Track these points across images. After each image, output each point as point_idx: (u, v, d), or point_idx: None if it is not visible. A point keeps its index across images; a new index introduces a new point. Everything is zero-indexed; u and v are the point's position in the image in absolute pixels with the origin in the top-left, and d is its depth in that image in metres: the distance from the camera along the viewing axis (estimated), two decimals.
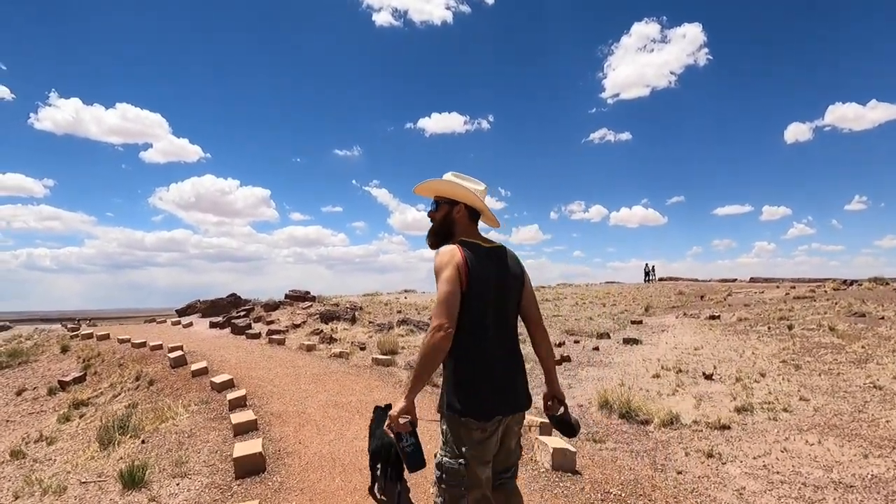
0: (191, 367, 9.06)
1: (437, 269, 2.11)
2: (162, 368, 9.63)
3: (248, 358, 10.34)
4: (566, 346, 12.09)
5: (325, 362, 9.95)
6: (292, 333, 13.86)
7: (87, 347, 12.72)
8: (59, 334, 15.74)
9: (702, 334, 13.24)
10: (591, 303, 24.03)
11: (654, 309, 20.90)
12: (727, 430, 6.06)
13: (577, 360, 10.42)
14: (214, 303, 19.04)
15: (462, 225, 2.32)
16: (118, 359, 11.40)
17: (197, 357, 10.28)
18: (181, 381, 8.59)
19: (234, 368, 9.21)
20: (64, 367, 11.95)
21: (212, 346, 11.96)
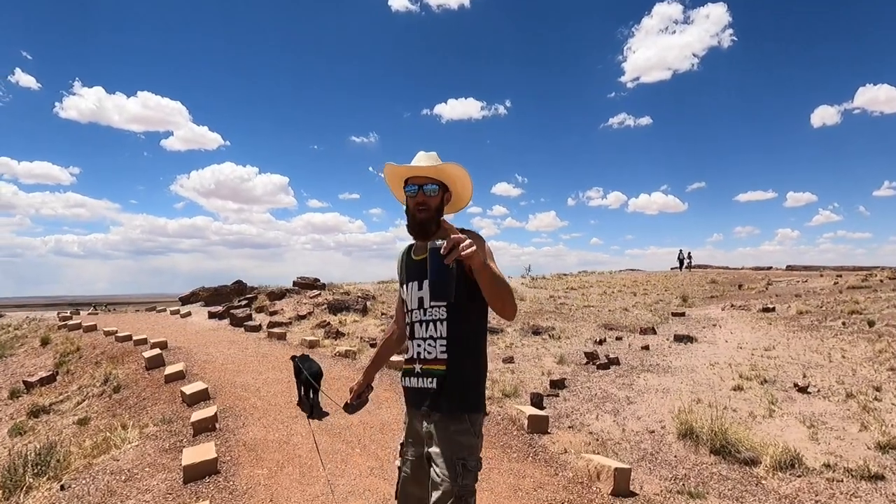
0: (166, 369, 7.45)
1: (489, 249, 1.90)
2: (135, 370, 8.06)
3: (239, 357, 8.73)
4: (608, 345, 10.27)
5: (328, 363, 8.29)
6: (296, 326, 12.25)
7: (68, 341, 11.26)
8: (48, 324, 14.37)
9: (762, 330, 11.32)
10: (619, 292, 22.09)
11: (691, 299, 18.92)
12: (880, 480, 4.23)
13: (627, 362, 8.61)
14: (218, 290, 17.55)
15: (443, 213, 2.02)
16: (97, 355, 9.89)
17: (179, 355, 8.70)
18: (151, 389, 6.99)
19: (219, 371, 7.59)
20: (40, 362, 10.50)
21: (202, 341, 10.38)
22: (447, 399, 1.85)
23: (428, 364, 1.90)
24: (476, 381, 1.91)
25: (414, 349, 1.96)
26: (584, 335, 11.35)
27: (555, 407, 6.44)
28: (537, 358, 9.19)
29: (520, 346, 10.26)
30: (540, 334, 11.12)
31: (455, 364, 1.87)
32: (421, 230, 1.95)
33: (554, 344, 10.43)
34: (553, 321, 13.01)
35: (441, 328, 1.88)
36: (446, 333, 1.88)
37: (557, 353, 9.57)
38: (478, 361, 1.93)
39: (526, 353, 9.71)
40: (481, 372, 1.94)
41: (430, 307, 1.90)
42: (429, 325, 1.91)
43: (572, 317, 14.08)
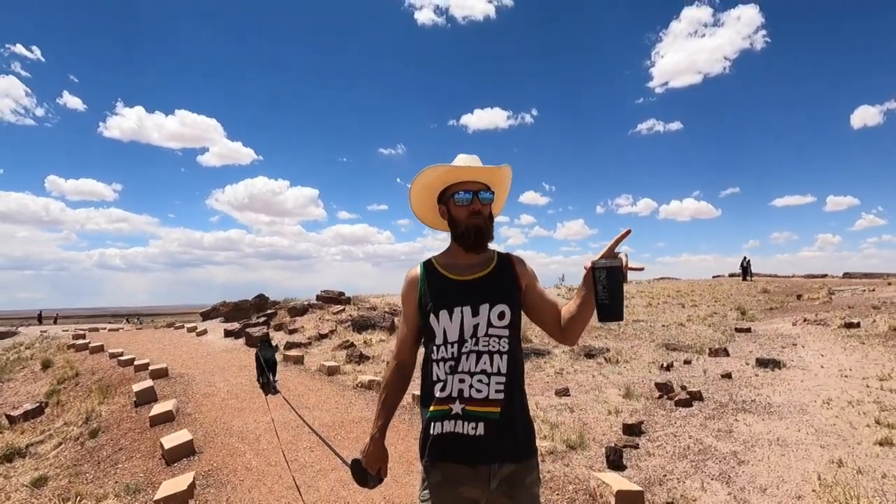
0: (154, 408, 6.12)
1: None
2: (123, 406, 6.77)
3: (246, 388, 7.37)
4: (678, 371, 8.55)
5: (348, 398, 6.86)
6: (315, 347, 10.90)
7: (68, 364, 10.15)
8: (60, 343, 13.39)
9: (858, 351, 9.42)
10: (664, 303, 20.18)
11: (750, 311, 16.90)
12: None
13: (711, 397, 6.90)
14: (238, 305, 16.45)
15: None
16: (94, 381, 8.70)
17: (177, 386, 7.40)
18: (133, 433, 5.66)
19: (217, 410, 6.24)
20: (34, 389, 9.39)
21: (210, 367, 9.09)
22: (514, 445, 1.56)
23: (474, 405, 1.55)
24: (529, 422, 1.67)
25: (453, 386, 1.57)
26: (645, 357, 9.64)
27: (638, 465, 4.83)
28: (597, 389, 7.56)
29: (572, 373, 8.65)
30: (594, 357, 9.47)
31: (509, 407, 1.56)
32: (480, 239, 1.66)
33: (612, 370, 8.77)
34: (605, 340, 11.33)
35: (500, 362, 1.58)
36: (506, 369, 1.58)
37: (619, 381, 7.93)
38: (525, 400, 1.67)
39: (581, 381, 8.09)
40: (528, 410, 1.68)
41: (489, 335, 1.57)
42: (482, 358, 1.57)
43: (624, 334, 12.35)
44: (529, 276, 1.72)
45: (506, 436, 1.54)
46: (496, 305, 1.58)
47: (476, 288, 1.62)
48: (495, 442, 1.53)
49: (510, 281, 1.67)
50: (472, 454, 1.53)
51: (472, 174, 1.68)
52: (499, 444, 1.53)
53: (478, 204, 1.66)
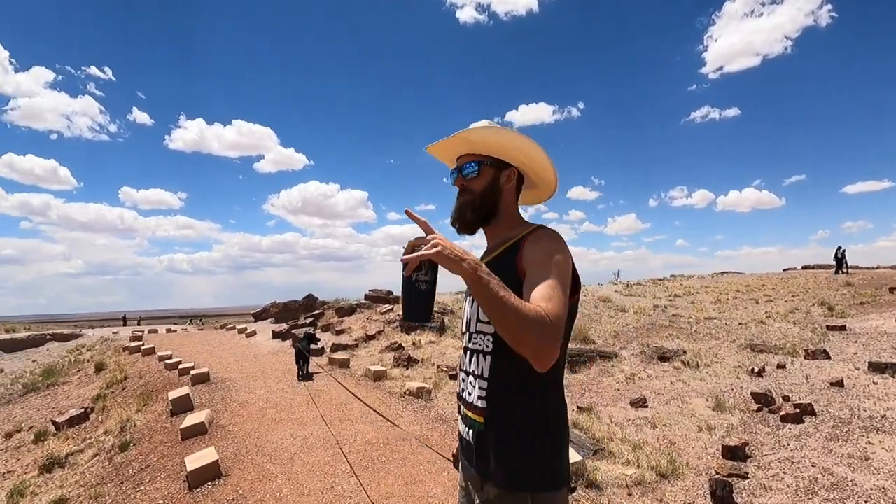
0: (187, 419, 5.59)
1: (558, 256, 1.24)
2: (159, 415, 6.31)
3: (286, 396, 6.78)
4: (773, 378, 7.28)
5: (395, 408, 6.12)
6: (362, 349, 10.27)
7: (119, 368, 9.98)
8: (117, 345, 13.46)
9: None
10: (734, 299, 18.40)
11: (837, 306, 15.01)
12: None
13: (825, 410, 5.68)
14: (287, 306, 16.18)
15: (510, 201, 1.43)
16: (140, 386, 8.40)
17: (216, 393, 6.90)
18: (162, 448, 5.13)
19: (252, 422, 5.64)
20: (85, 393, 9.23)
21: (253, 370, 8.62)
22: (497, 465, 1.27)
23: (467, 408, 1.37)
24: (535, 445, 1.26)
25: (459, 384, 1.43)
26: (728, 361, 8.39)
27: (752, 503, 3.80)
28: (679, 399, 6.47)
29: (645, 379, 7.55)
30: (668, 360, 8.31)
31: (495, 419, 1.29)
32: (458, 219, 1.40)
33: (693, 375, 7.60)
34: (677, 340, 10.09)
35: (483, 364, 1.33)
36: (488, 373, 1.32)
37: (704, 390, 6.80)
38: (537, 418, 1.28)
39: (658, 389, 7.01)
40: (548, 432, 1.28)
41: (476, 332, 1.36)
42: (473, 357, 1.37)
43: (697, 333, 11.02)
44: (530, 259, 1.27)
45: (484, 451, 1.31)
46: None
47: None
48: (477, 455, 1.33)
49: (508, 267, 1.29)
50: (465, 462, 1.40)
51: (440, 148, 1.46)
52: (479, 458, 1.32)
53: (460, 180, 1.43)
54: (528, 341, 1.08)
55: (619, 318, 13.38)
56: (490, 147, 1.39)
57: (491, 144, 1.39)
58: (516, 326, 1.07)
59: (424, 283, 1.19)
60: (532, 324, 1.07)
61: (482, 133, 1.36)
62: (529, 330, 1.07)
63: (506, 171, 1.41)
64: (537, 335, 1.07)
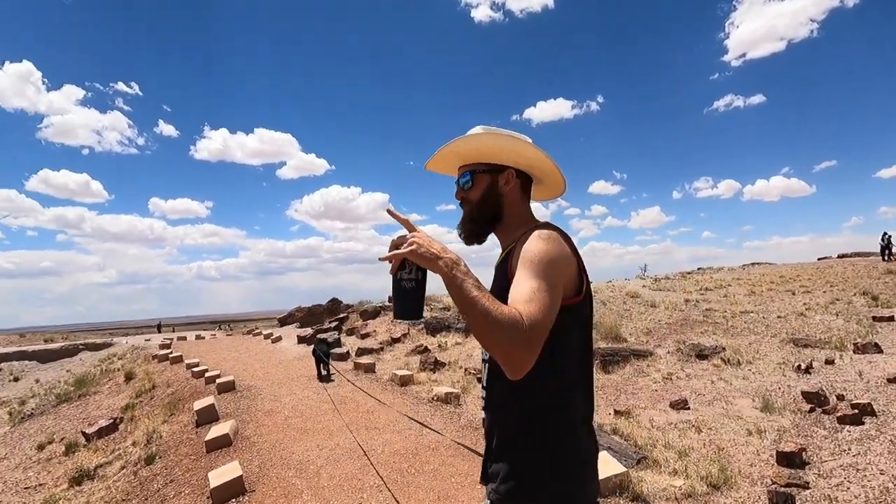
0: (212, 430, 5.46)
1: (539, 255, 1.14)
2: (185, 426, 6.22)
3: (312, 404, 6.62)
4: (822, 374, 6.82)
5: (423, 415, 5.89)
6: (388, 352, 10.09)
7: (147, 377, 10.01)
8: (147, 353, 13.59)
9: None
10: (769, 291, 17.67)
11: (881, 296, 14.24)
12: None
13: (887, 410, 5.23)
14: (312, 310, 16.15)
15: (515, 202, 1.37)
16: (167, 395, 8.37)
17: (242, 402, 6.78)
18: (187, 461, 5.00)
19: (278, 431, 5.49)
20: (115, 402, 9.26)
21: (279, 377, 8.51)
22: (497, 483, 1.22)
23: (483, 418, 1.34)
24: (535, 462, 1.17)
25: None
26: (772, 357, 7.93)
27: None
28: (723, 399, 6.09)
29: (684, 378, 7.17)
30: (707, 358, 7.90)
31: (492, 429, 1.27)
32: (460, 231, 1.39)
33: (734, 373, 7.19)
34: (713, 336, 9.63)
35: (484, 372, 1.30)
36: (486, 381, 1.29)
37: (749, 389, 6.40)
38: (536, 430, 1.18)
39: (698, 389, 6.62)
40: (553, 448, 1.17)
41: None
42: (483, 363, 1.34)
43: (734, 328, 10.53)
44: (517, 259, 1.19)
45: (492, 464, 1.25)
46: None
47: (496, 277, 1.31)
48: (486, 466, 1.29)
49: (503, 271, 1.25)
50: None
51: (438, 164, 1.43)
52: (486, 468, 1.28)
53: (459, 192, 1.40)
54: (496, 345, 1.00)
55: (649, 313, 12.92)
56: (479, 154, 1.35)
57: (479, 152, 1.34)
58: (486, 329, 1.00)
59: (410, 282, 1.15)
60: (503, 326, 0.99)
61: (468, 142, 1.32)
62: (500, 333, 0.99)
63: (502, 174, 1.35)
64: (507, 339, 0.99)
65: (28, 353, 14.29)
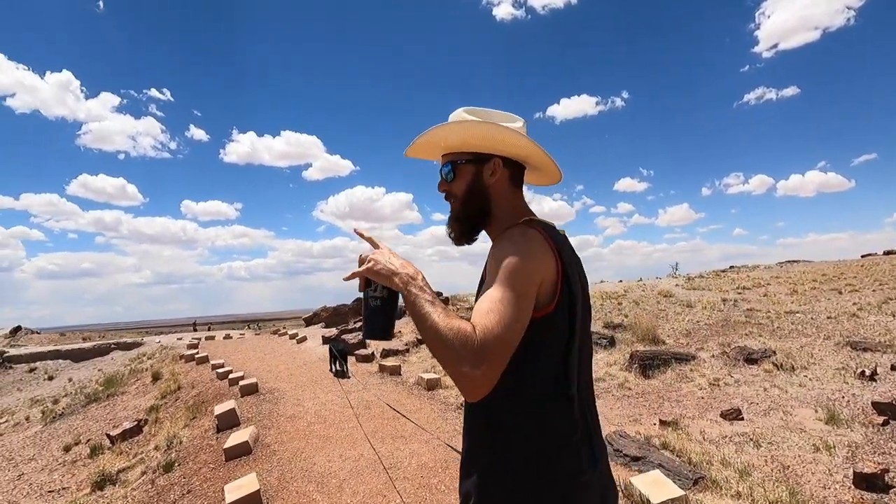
0: (231, 436, 5.20)
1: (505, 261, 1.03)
2: (205, 430, 5.98)
3: (336, 409, 6.32)
4: (888, 380, 6.17)
5: (452, 423, 5.54)
6: (413, 354, 9.76)
7: (173, 378, 9.91)
8: (175, 353, 13.60)
9: None
10: (813, 290, 16.69)
11: None
12: None
13: None
14: (337, 310, 15.96)
15: (504, 195, 1.21)
16: (192, 397, 8.21)
17: (263, 406, 6.53)
18: (206, 470, 4.74)
19: (300, 439, 5.20)
20: (142, 403, 9.17)
21: (303, 379, 8.27)
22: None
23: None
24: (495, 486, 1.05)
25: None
26: (828, 362, 7.28)
27: None
28: (780, 409, 5.53)
29: (732, 385, 6.61)
30: (756, 362, 7.30)
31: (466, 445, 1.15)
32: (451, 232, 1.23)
33: (789, 380, 6.59)
34: (759, 338, 8.99)
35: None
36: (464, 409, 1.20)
37: (808, 398, 5.82)
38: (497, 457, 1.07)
39: (750, 397, 6.07)
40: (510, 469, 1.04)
41: None
42: None
43: (781, 330, 9.83)
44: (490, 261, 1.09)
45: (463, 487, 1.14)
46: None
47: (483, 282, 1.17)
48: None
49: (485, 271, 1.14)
50: None
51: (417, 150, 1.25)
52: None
53: (442, 185, 1.23)
54: (444, 363, 0.93)
55: (686, 314, 12.26)
56: (461, 143, 1.19)
57: (460, 141, 1.18)
58: (435, 346, 0.95)
59: (375, 300, 1.09)
60: (449, 343, 0.92)
61: (446, 131, 1.17)
62: (446, 350, 0.92)
63: (488, 164, 1.19)
64: (454, 356, 0.91)
65: (62, 353, 14.53)
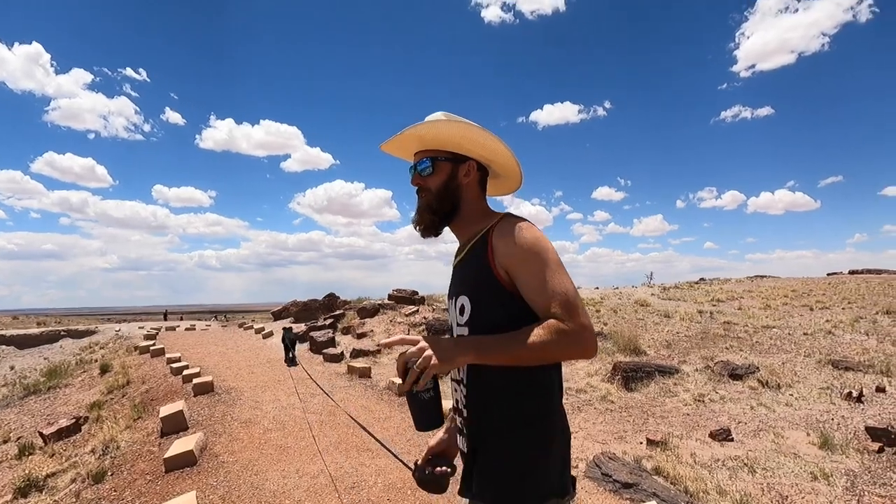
0: (175, 442, 4.60)
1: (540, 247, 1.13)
2: (149, 434, 5.35)
3: (298, 414, 5.76)
4: (877, 404, 5.96)
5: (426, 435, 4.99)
6: (386, 355, 9.24)
7: (123, 370, 9.15)
8: (130, 344, 12.72)
9: None
10: (785, 305, 16.82)
11: None
12: None
13: None
14: (307, 305, 15.27)
15: (473, 195, 1.32)
16: (141, 393, 7.51)
17: (217, 408, 5.93)
18: (141, 482, 4.14)
19: (254, 448, 4.63)
20: (85, 398, 8.40)
21: (264, 378, 7.66)
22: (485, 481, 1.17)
23: (462, 418, 1.24)
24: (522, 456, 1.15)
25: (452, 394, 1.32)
26: (812, 380, 7.07)
27: None
28: (770, 430, 5.23)
29: (718, 401, 6.31)
30: (741, 378, 7.03)
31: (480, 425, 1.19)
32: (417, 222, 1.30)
33: (775, 398, 6.33)
34: (740, 353, 8.78)
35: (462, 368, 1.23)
36: (465, 377, 1.22)
37: (796, 418, 5.55)
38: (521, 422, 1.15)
39: (736, 414, 5.77)
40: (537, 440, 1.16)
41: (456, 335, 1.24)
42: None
43: (760, 345, 9.67)
44: (510, 255, 1.14)
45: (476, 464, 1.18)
46: (459, 297, 1.25)
47: (455, 275, 1.32)
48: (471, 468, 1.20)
49: (479, 261, 1.19)
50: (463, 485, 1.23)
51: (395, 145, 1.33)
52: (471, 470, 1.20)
53: (416, 178, 1.31)
54: (572, 356, 1.07)
55: (665, 324, 12.07)
56: (443, 141, 1.27)
57: (443, 139, 1.26)
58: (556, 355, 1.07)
59: (428, 391, 1.07)
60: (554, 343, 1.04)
61: (432, 128, 1.24)
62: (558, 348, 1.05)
63: (463, 165, 1.29)
64: (566, 346, 1.05)
65: (6, 338, 13.40)
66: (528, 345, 1.03)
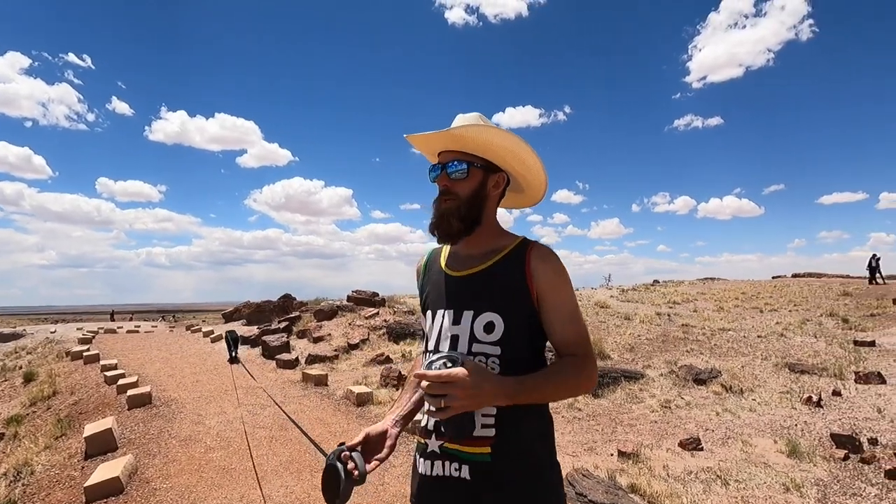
0: (99, 469, 4.03)
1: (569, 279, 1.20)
2: (71, 455, 4.73)
3: (241, 429, 5.25)
4: (835, 408, 6.02)
5: None
6: (344, 361, 8.77)
7: (50, 379, 8.30)
8: (62, 349, 11.67)
9: None
10: (736, 307, 17.36)
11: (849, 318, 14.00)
12: None
13: None
14: (260, 306, 14.52)
15: (494, 209, 1.29)
16: (68, 406, 6.77)
17: (153, 424, 5.35)
18: None
19: (194, 470, 4.13)
20: (5, 411, 7.53)
21: (209, 388, 7.07)
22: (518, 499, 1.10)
23: (457, 443, 1.12)
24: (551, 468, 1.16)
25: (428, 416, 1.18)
26: (771, 384, 7.13)
27: None
28: (737, 438, 5.14)
29: (684, 407, 6.23)
30: (704, 383, 7.01)
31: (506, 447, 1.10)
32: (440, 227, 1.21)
33: (739, 403, 6.31)
34: (700, 356, 8.83)
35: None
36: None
37: (760, 424, 5.52)
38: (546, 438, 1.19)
39: (702, 421, 5.69)
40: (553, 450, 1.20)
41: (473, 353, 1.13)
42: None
43: (718, 348, 9.80)
44: (548, 281, 1.15)
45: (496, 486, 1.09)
46: (482, 314, 1.14)
47: (463, 287, 1.19)
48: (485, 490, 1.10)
49: (513, 281, 1.15)
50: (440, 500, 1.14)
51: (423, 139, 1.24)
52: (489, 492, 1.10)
53: (444, 179, 1.22)
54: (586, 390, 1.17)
55: (626, 327, 12.13)
56: (483, 147, 1.20)
57: (485, 144, 1.19)
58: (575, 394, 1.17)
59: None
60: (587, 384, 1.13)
61: (477, 132, 1.17)
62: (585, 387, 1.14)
63: (494, 175, 1.24)
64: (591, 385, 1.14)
65: None
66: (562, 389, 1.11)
